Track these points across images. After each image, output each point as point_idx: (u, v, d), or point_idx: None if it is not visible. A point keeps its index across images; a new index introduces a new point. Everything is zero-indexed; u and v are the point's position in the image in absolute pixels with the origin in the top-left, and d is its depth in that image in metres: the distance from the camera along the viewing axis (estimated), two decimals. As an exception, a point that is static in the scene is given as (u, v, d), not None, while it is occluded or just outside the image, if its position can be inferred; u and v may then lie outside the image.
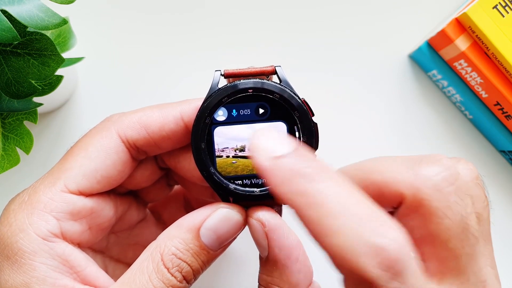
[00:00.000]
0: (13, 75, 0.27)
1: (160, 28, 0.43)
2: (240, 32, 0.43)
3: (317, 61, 0.43)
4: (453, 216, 0.20)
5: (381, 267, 0.18)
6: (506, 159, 0.43)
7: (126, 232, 0.33)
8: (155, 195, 0.33)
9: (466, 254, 0.21)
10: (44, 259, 0.24)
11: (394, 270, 0.18)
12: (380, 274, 0.18)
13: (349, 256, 0.18)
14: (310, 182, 0.19)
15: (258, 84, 0.25)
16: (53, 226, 0.25)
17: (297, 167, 0.20)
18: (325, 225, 0.19)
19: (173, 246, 0.24)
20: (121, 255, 0.32)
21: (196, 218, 0.25)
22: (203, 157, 0.25)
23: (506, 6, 0.37)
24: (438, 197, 0.21)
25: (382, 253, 0.18)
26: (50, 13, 0.26)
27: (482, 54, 0.38)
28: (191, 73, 0.42)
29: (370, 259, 0.18)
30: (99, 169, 0.26)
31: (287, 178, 0.19)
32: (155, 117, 0.27)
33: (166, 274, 0.24)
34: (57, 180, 0.26)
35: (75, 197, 0.26)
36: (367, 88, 0.43)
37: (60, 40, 0.33)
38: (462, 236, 0.21)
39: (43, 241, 0.25)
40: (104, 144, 0.27)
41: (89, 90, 0.42)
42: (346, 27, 0.43)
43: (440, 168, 0.21)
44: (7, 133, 0.30)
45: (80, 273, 0.25)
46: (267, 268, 0.25)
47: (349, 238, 0.18)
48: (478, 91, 0.40)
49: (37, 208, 0.25)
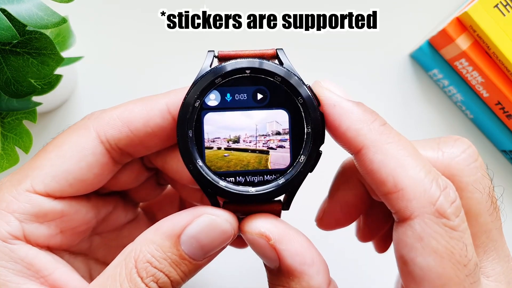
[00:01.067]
0: (13, 74, 0.27)
1: (159, 27, 0.42)
2: (241, 33, 0.43)
3: (317, 61, 0.43)
4: (482, 190, 0.22)
5: (449, 203, 0.20)
6: (507, 158, 0.43)
7: (113, 233, 0.30)
8: (145, 195, 0.30)
9: (495, 228, 0.22)
10: (4, 262, 0.22)
11: (457, 210, 0.20)
12: (453, 210, 0.20)
13: (426, 188, 0.20)
14: (383, 124, 0.22)
15: (256, 63, 0.22)
16: (14, 228, 0.23)
17: (367, 116, 0.22)
18: (401, 160, 0.20)
19: (149, 253, 0.21)
20: (109, 258, 0.29)
21: (177, 223, 0.22)
22: (190, 147, 0.22)
23: (507, 5, 0.37)
24: (467, 172, 0.22)
25: (451, 195, 0.20)
26: (50, 12, 0.25)
27: (483, 53, 0.38)
28: (191, 72, 0.42)
29: (444, 197, 0.20)
30: (72, 171, 0.24)
31: (364, 119, 0.21)
32: (138, 111, 0.24)
33: (140, 284, 0.21)
34: (24, 178, 0.24)
35: (41, 198, 0.24)
36: (368, 87, 0.43)
37: (60, 39, 0.33)
38: (491, 209, 0.22)
39: (3, 243, 0.23)
40: (80, 143, 0.24)
41: (88, 89, 0.42)
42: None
43: (463, 146, 0.23)
44: (7, 132, 0.30)
45: (47, 277, 0.23)
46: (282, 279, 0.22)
47: (425, 172, 0.21)
48: (479, 91, 0.40)
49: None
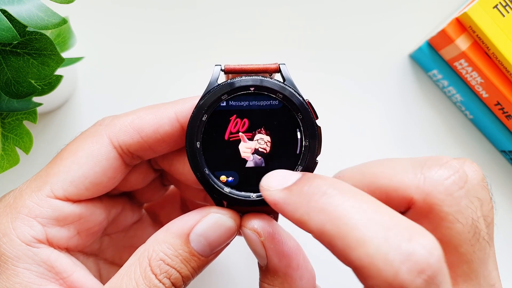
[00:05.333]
0: (13, 74, 0.27)
1: (160, 27, 0.42)
2: (241, 33, 0.43)
3: (317, 61, 0.43)
4: (464, 221, 0.20)
5: (416, 274, 0.17)
6: (506, 159, 0.43)
7: (120, 234, 0.32)
8: (150, 196, 0.32)
9: (477, 258, 0.20)
10: (28, 265, 0.24)
11: (428, 276, 0.17)
12: (416, 280, 0.17)
13: (381, 265, 0.17)
14: (328, 197, 0.19)
15: (258, 82, 0.24)
16: (38, 232, 0.24)
17: (309, 189, 0.19)
18: (351, 238, 0.18)
19: (161, 251, 0.24)
20: (116, 257, 0.31)
21: (186, 222, 0.24)
22: (198, 157, 0.24)
23: (507, 6, 0.37)
24: (449, 202, 0.20)
25: (416, 259, 0.17)
26: (50, 12, 0.25)
27: (483, 54, 0.38)
28: (191, 72, 0.42)
29: (404, 266, 0.17)
30: (88, 176, 0.25)
31: (303, 201, 0.19)
32: (149, 119, 0.26)
33: (154, 281, 0.23)
34: (44, 184, 0.25)
35: (61, 203, 0.25)
36: (367, 87, 0.43)
37: (60, 39, 0.33)
38: (473, 240, 0.20)
39: (27, 246, 0.24)
40: (94, 150, 0.26)
41: (88, 89, 0.42)
42: (346, 27, 0.43)
43: (449, 171, 0.21)
44: (7, 133, 0.30)
45: (66, 279, 0.25)
46: (268, 277, 0.24)
47: (379, 246, 0.18)
48: (479, 91, 0.40)
49: (21, 212, 0.24)
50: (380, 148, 0.42)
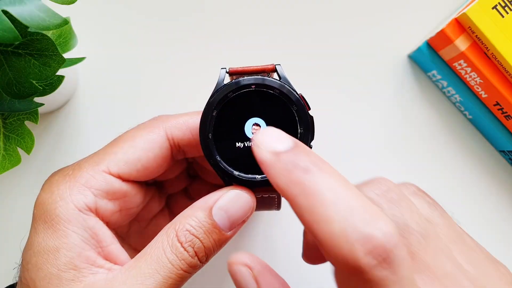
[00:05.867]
0: (14, 75, 0.27)
1: (161, 28, 0.43)
2: (241, 33, 0.43)
3: (316, 61, 0.43)
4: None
5: (371, 255, 0.18)
6: (506, 159, 0.43)
7: (146, 222, 0.34)
8: (176, 186, 0.36)
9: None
10: (76, 228, 0.26)
11: (384, 259, 0.18)
12: (370, 261, 0.18)
13: (340, 242, 0.18)
14: (306, 173, 0.20)
15: (260, 80, 0.27)
16: (90, 201, 0.27)
17: (295, 160, 0.21)
18: (318, 213, 0.19)
19: (187, 223, 0.26)
20: (138, 244, 0.33)
21: (209, 199, 0.27)
22: (210, 146, 0.27)
23: (506, 7, 0.37)
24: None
25: (372, 241, 0.18)
26: (51, 13, 0.26)
27: (482, 54, 0.38)
28: (193, 73, 0.42)
29: (360, 246, 0.18)
30: (141, 159, 0.29)
31: (285, 171, 0.20)
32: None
33: (179, 248, 0.25)
34: (102, 161, 0.28)
35: (114, 178, 0.28)
36: (366, 88, 0.43)
37: (61, 40, 0.33)
38: None
39: (79, 212, 0.26)
40: (151, 138, 0.29)
41: (90, 90, 0.42)
42: (345, 27, 0.43)
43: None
44: (8, 133, 0.30)
45: (104, 248, 0.27)
46: None
47: (341, 225, 0.19)
48: (478, 91, 0.40)
49: (79, 181, 0.27)
50: (379, 148, 0.43)
